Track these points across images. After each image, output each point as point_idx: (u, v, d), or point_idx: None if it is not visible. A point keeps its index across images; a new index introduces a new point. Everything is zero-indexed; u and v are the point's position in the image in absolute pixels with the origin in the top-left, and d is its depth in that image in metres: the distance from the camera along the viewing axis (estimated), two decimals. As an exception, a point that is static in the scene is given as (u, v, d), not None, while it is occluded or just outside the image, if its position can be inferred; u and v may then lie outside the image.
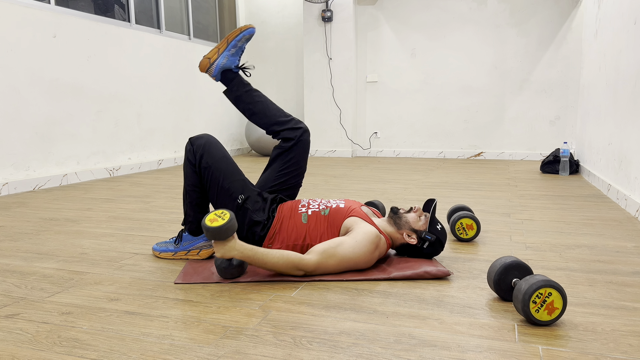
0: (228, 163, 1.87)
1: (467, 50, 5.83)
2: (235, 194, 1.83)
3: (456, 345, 1.22)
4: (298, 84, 6.62)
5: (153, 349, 1.21)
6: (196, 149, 1.87)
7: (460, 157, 6.00)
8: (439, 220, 1.86)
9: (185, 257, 1.93)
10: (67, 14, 4.00)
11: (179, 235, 1.95)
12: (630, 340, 1.24)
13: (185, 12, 5.57)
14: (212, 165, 1.84)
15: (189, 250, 1.93)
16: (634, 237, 2.25)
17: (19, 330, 1.32)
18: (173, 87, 5.29)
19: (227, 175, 1.84)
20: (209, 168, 1.84)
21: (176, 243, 1.94)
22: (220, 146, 1.90)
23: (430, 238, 1.79)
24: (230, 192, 1.83)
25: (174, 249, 1.94)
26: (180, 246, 1.94)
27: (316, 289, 1.59)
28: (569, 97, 5.52)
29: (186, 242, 1.93)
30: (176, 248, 1.94)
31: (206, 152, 1.85)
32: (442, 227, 1.84)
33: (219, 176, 1.84)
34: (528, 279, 1.32)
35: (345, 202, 1.89)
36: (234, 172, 1.87)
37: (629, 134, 2.97)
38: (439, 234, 1.82)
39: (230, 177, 1.85)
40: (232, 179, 1.85)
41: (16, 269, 1.85)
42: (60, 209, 2.99)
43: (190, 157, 1.88)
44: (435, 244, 1.81)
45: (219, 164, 1.85)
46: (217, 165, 1.85)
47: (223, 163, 1.86)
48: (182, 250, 1.93)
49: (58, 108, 3.94)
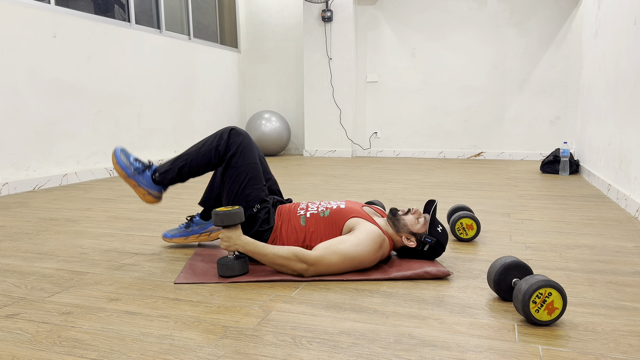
0: (256, 170, 1.85)
1: (467, 50, 5.83)
2: (252, 202, 1.82)
3: (456, 345, 1.22)
4: (298, 84, 6.62)
5: (153, 349, 1.21)
6: (231, 144, 1.85)
7: (460, 157, 6.00)
8: (440, 222, 1.83)
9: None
10: (67, 14, 4.00)
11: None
12: (630, 340, 1.24)
13: (185, 12, 5.57)
14: (240, 167, 1.83)
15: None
16: (634, 237, 2.25)
17: (19, 330, 1.32)
18: (173, 87, 5.29)
19: (250, 182, 1.83)
20: (236, 168, 1.83)
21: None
22: (254, 151, 1.88)
23: (430, 241, 1.76)
24: (249, 199, 1.82)
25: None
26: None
27: (316, 289, 1.59)
28: (569, 97, 5.52)
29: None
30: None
31: (240, 153, 1.83)
32: (443, 229, 1.80)
33: (243, 180, 1.82)
34: (528, 279, 1.32)
35: (347, 203, 1.89)
36: (258, 179, 1.85)
37: (629, 134, 2.97)
38: (439, 236, 1.78)
39: (253, 184, 1.83)
40: (254, 186, 1.83)
41: (16, 269, 1.85)
42: (60, 209, 2.99)
43: (221, 148, 1.86)
44: (436, 246, 1.78)
45: (247, 169, 1.84)
46: (245, 169, 1.83)
47: (251, 170, 1.84)
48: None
49: (58, 108, 3.94)
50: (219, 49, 6.13)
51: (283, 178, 4.23)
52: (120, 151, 1.92)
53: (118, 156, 1.92)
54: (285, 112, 6.71)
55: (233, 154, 1.83)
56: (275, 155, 6.34)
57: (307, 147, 6.34)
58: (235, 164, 1.83)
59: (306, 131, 6.31)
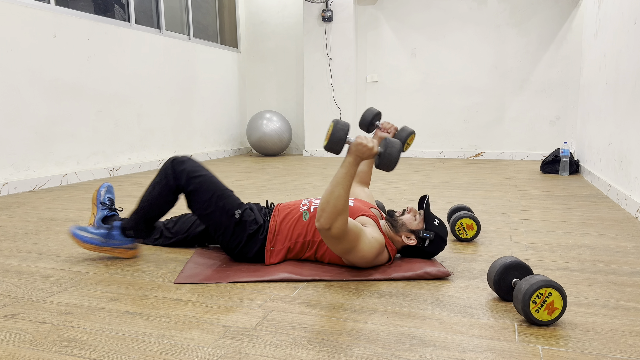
0: (215, 183, 1.85)
1: (467, 50, 5.83)
2: (231, 210, 1.81)
3: (456, 345, 1.22)
4: (298, 84, 6.62)
5: (153, 349, 1.21)
6: (179, 175, 1.82)
7: (460, 157, 6.00)
8: (436, 215, 1.82)
9: (108, 253, 1.91)
10: (67, 14, 4.00)
11: (109, 229, 1.90)
12: (630, 340, 1.24)
13: (185, 12, 5.57)
14: (200, 189, 1.81)
15: (116, 248, 1.91)
16: (634, 237, 2.25)
17: (19, 330, 1.32)
18: (173, 87, 5.29)
19: (217, 195, 1.82)
20: (196, 193, 1.81)
21: (107, 237, 1.90)
22: (204, 168, 1.87)
23: (429, 236, 1.77)
24: (227, 209, 1.81)
25: (100, 243, 1.89)
26: (108, 242, 1.90)
27: (316, 289, 1.59)
28: (569, 97, 5.52)
29: (116, 240, 1.91)
30: (103, 243, 1.89)
31: (191, 179, 1.81)
32: (440, 222, 1.81)
33: (211, 197, 1.81)
34: (528, 279, 1.32)
35: (355, 202, 1.89)
36: (222, 189, 1.85)
37: (629, 134, 2.97)
38: (437, 230, 1.78)
39: (221, 195, 1.82)
40: (224, 197, 1.83)
41: (16, 269, 1.85)
42: (60, 209, 2.99)
43: (171, 183, 1.83)
44: (436, 240, 1.79)
45: (207, 186, 1.82)
46: (205, 188, 1.82)
47: (211, 185, 1.83)
48: (109, 247, 1.90)
49: (58, 108, 3.94)
50: (219, 49, 6.13)
51: (283, 178, 4.24)
52: (77, 229, 1.90)
53: (78, 235, 1.89)
54: (285, 112, 6.71)
55: (186, 183, 1.82)
56: (276, 155, 6.34)
57: (307, 147, 6.34)
58: (193, 189, 1.81)
59: (306, 131, 6.31)
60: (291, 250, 1.81)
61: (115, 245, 1.91)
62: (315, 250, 1.80)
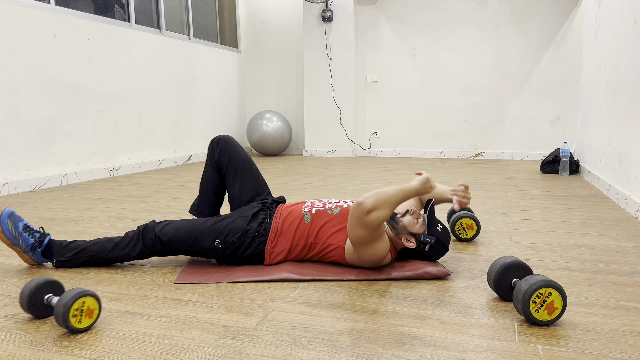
0: (185, 228, 1.81)
1: (467, 50, 5.83)
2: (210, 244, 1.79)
3: (456, 345, 1.22)
4: (298, 84, 6.62)
5: (153, 349, 1.21)
6: (160, 237, 1.80)
7: (460, 157, 6.00)
8: (440, 221, 1.80)
9: (28, 262, 1.85)
10: (67, 14, 4.00)
11: (39, 242, 1.81)
12: (630, 340, 1.24)
13: (185, 12, 5.57)
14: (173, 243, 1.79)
15: (34, 261, 1.84)
16: (634, 237, 2.25)
17: (19, 330, 1.32)
18: (173, 87, 5.29)
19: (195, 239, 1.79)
20: (174, 250, 1.81)
21: (31, 250, 1.80)
22: (181, 221, 1.84)
23: (429, 240, 1.73)
24: (206, 247, 1.80)
25: (24, 249, 1.79)
26: (32, 253, 1.82)
27: (316, 289, 1.59)
28: (569, 97, 5.52)
29: (38, 256, 1.83)
30: (26, 251, 1.80)
31: (163, 242, 1.79)
32: (443, 227, 1.77)
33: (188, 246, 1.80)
34: (528, 279, 1.32)
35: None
36: (195, 229, 1.81)
37: (629, 134, 2.97)
38: (439, 235, 1.75)
39: (196, 239, 1.79)
40: (199, 238, 1.79)
41: (16, 269, 1.85)
42: (60, 209, 2.99)
43: (150, 249, 1.81)
44: (437, 245, 1.75)
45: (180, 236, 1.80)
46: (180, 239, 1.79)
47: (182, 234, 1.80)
48: (30, 258, 1.83)
49: (58, 108, 3.94)
50: (219, 49, 6.13)
51: (283, 178, 4.24)
52: (8, 217, 1.77)
53: (6, 231, 1.76)
54: (285, 112, 6.71)
55: (163, 245, 1.79)
56: (275, 155, 6.34)
57: (307, 147, 6.34)
58: (170, 250, 1.80)
59: (306, 131, 6.31)
60: (291, 252, 1.81)
61: (34, 258, 1.83)
62: (316, 252, 1.80)
